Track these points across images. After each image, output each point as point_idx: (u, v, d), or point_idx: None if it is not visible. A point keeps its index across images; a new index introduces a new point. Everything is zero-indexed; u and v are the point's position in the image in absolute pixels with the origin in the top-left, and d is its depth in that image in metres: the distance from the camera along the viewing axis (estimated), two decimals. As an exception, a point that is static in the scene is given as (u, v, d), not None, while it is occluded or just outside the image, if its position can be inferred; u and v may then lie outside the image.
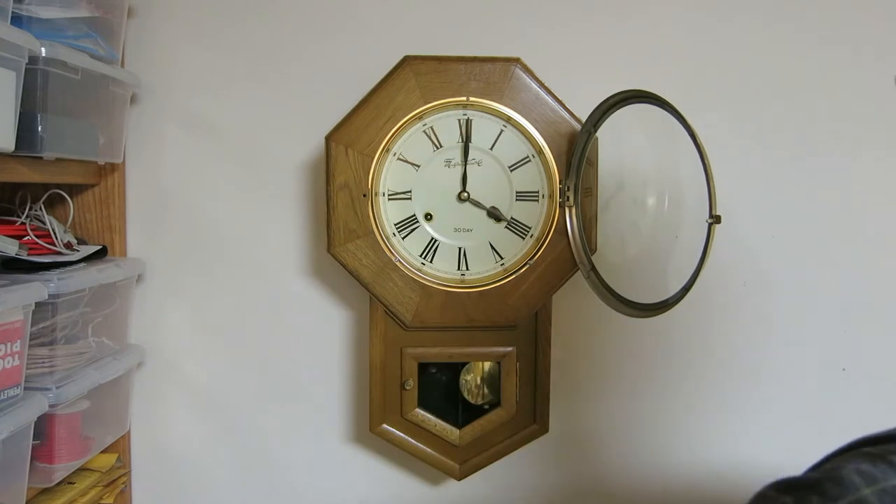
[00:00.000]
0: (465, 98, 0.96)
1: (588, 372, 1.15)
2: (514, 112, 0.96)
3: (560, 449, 1.15)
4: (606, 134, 0.95)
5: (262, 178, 1.11)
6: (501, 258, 1.00)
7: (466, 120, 0.97)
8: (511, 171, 0.99)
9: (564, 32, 1.10)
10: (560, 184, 0.98)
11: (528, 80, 0.96)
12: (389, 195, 0.98)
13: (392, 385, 1.02)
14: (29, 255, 0.89)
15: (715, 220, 0.79)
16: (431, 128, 0.97)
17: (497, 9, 1.10)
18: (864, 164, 1.11)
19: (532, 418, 1.04)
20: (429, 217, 0.99)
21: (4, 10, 0.76)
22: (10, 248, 0.87)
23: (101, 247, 1.03)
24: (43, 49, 0.81)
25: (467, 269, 1.00)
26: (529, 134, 0.97)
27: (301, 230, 1.12)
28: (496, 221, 1.00)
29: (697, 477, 1.16)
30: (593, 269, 0.96)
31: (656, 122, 0.85)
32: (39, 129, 0.82)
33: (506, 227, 1.00)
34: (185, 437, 1.15)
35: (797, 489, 0.41)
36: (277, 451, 1.15)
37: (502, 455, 1.05)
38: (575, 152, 0.96)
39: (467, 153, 0.98)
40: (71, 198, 1.05)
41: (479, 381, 1.03)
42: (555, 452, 1.15)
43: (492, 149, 0.98)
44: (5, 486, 0.80)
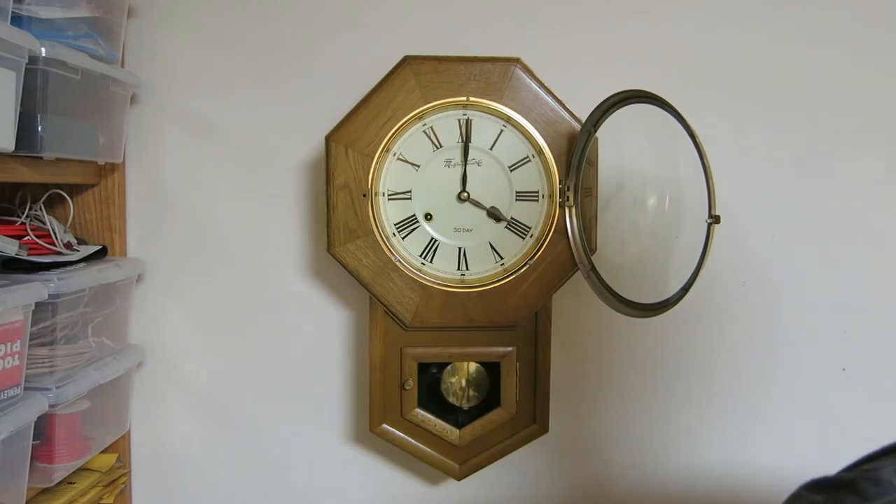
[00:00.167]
0: (465, 98, 0.96)
1: (588, 372, 1.15)
2: (514, 112, 0.96)
3: (560, 449, 1.15)
4: (606, 134, 0.95)
5: (262, 178, 1.11)
6: (501, 258, 1.00)
7: (466, 120, 0.97)
8: (511, 171, 0.99)
9: (564, 32, 1.10)
10: (560, 184, 0.98)
11: (528, 80, 0.96)
12: (389, 195, 0.98)
13: (392, 385, 1.02)
14: (29, 255, 0.89)
15: (715, 220, 0.79)
16: (431, 128, 0.97)
17: (497, 9, 1.10)
18: (865, 164, 1.11)
19: (532, 418, 1.04)
20: (429, 217, 0.99)
21: (4, 10, 0.76)
22: (10, 248, 0.87)
23: (101, 247, 1.03)
24: (43, 49, 0.81)
25: (467, 269, 1.00)
26: (529, 134, 0.97)
27: (301, 230, 1.12)
28: (496, 221, 0.99)
29: (697, 476, 1.16)
30: (593, 269, 0.96)
31: (656, 122, 0.85)
32: (39, 129, 0.82)
33: (506, 227, 1.00)
34: (185, 437, 1.15)
35: (829, 488, 0.41)
36: (277, 451, 1.15)
37: (502, 455, 1.05)
38: (575, 152, 0.96)
39: (467, 153, 0.98)
40: (71, 198, 1.05)
41: (463, 383, 1.03)
42: (555, 452, 1.15)
43: (492, 149, 0.98)
44: (5, 486, 0.80)
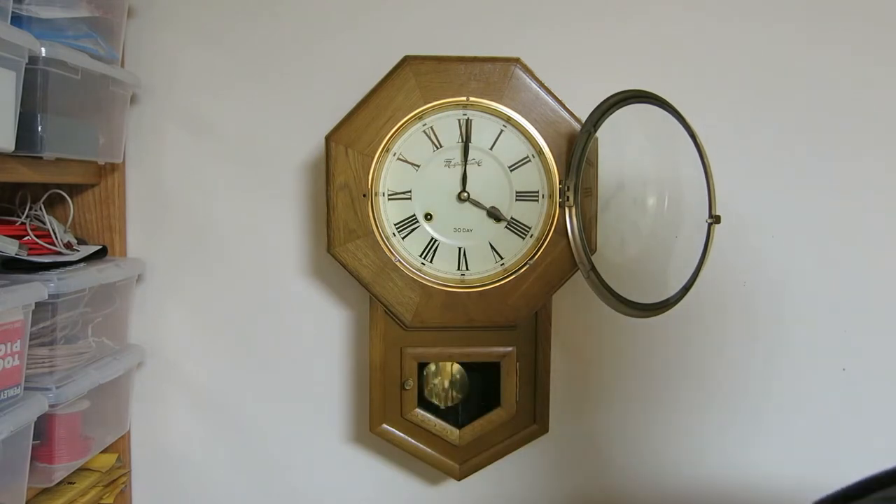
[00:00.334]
0: (465, 98, 0.96)
1: (588, 372, 1.15)
2: (514, 112, 0.96)
3: (560, 449, 1.15)
4: (606, 134, 0.95)
5: (262, 178, 1.11)
6: (501, 258, 1.00)
7: (466, 120, 0.97)
8: (511, 171, 0.99)
9: (564, 32, 1.10)
10: (560, 184, 0.98)
11: (528, 80, 0.96)
12: (389, 195, 0.98)
13: (392, 385, 1.02)
14: (29, 255, 0.89)
15: (715, 220, 0.79)
16: (431, 128, 0.97)
17: (497, 9, 1.10)
18: (865, 164, 1.11)
19: (532, 418, 1.04)
20: (429, 217, 0.99)
21: (4, 10, 0.76)
22: (10, 248, 0.87)
23: (101, 247, 1.03)
24: (43, 49, 0.81)
25: (467, 269, 1.00)
26: (529, 134, 0.97)
27: (301, 230, 1.12)
28: (496, 221, 0.99)
29: (696, 476, 1.16)
30: (593, 269, 0.96)
31: (656, 122, 0.85)
32: (39, 129, 0.82)
33: (506, 227, 1.00)
34: (185, 437, 1.15)
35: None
36: (277, 451, 1.15)
37: (502, 455, 1.05)
38: (575, 152, 0.96)
39: (467, 153, 0.98)
40: (71, 198, 1.05)
41: (446, 384, 1.03)
42: (555, 452, 1.15)
43: (492, 149, 0.98)
44: (5, 486, 0.80)
